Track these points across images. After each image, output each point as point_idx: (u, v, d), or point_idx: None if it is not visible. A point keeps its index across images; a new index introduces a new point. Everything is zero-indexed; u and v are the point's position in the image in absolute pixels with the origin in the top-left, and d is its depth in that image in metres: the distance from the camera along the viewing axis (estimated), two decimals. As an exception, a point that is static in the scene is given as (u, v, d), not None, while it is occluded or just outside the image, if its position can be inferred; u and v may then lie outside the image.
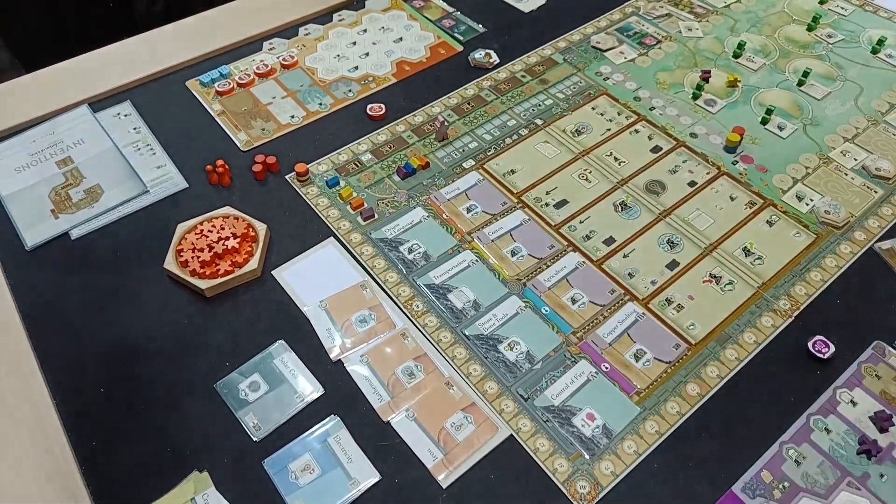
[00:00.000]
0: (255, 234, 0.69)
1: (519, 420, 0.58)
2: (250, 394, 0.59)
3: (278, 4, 0.99)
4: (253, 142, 0.80)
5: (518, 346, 0.62)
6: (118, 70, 0.88)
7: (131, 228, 0.72)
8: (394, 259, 0.69)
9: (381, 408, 0.58)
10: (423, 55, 0.92)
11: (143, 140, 0.80)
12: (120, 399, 0.59)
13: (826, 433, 0.57)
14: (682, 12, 1.00)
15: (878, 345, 0.63)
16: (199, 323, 0.64)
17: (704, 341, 0.63)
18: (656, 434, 0.57)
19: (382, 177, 0.77)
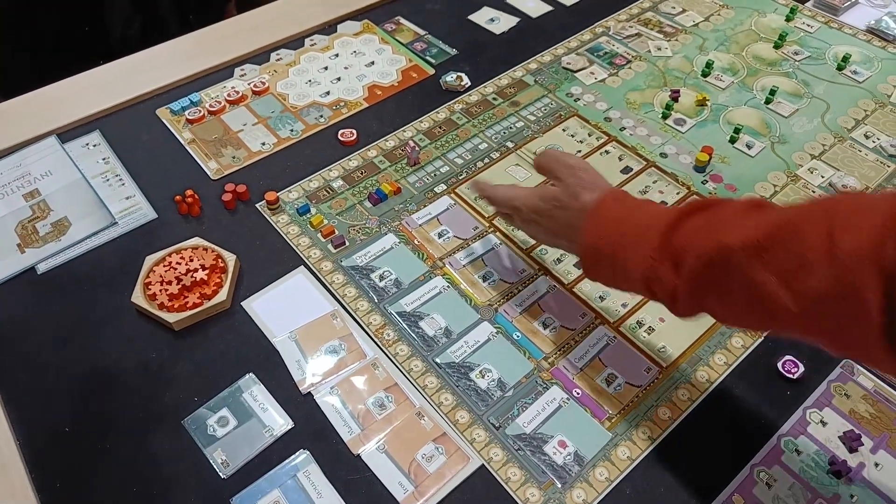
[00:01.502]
0: (224, 265, 0.69)
1: (490, 449, 0.57)
2: (219, 429, 0.58)
3: (250, 30, 0.99)
4: (223, 170, 0.80)
5: (490, 374, 0.62)
6: (87, 99, 0.88)
7: (99, 262, 0.71)
8: (365, 287, 0.68)
9: (351, 440, 0.58)
10: (394, 79, 0.92)
11: (112, 170, 0.80)
12: (85, 437, 0.58)
13: (796, 454, 0.58)
14: (651, 32, 1.01)
15: (846, 363, 0.63)
16: (168, 357, 0.63)
17: (675, 364, 0.63)
18: (628, 460, 0.57)
19: (354, 203, 0.76)
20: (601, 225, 0.55)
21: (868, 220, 0.40)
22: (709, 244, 0.47)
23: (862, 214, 0.41)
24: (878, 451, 0.58)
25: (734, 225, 0.47)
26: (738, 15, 1.05)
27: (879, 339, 0.39)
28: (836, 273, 0.40)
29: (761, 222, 0.45)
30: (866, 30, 1.01)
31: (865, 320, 0.39)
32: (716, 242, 0.46)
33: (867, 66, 0.95)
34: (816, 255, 0.41)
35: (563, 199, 0.59)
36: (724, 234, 0.46)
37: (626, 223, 0.54)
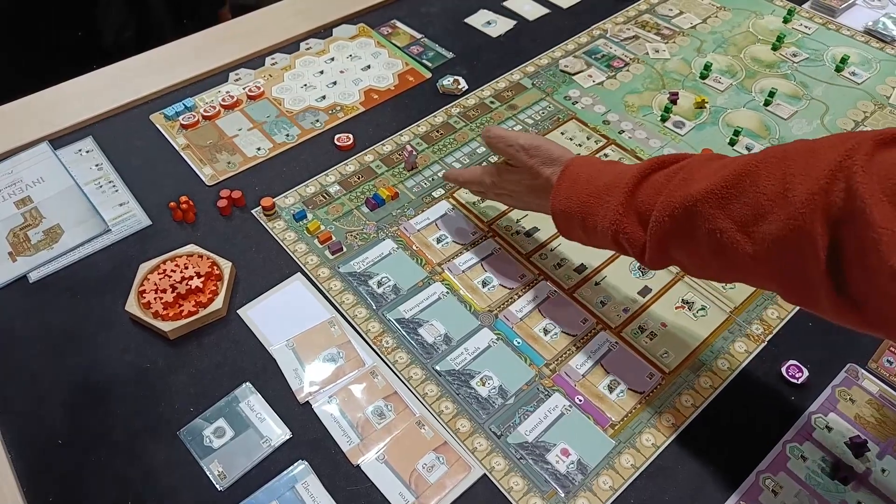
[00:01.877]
0: (219, 273, 0.68)
1: (492, 458, 0.56)
2: (215, 440, 0.57)
3: (244, 34, 0.98)
4: (218, 176, 0.79)
5: (490, 381, 0.61)
6: (80, 104, 0.86)
7: (92, 270, 0.70)
8: (363, 293, 0.67)
9: (350, 450, 0.57)
10: (391, 83, 0.91)
11: (106, 177, 0.78)
12: (78, 449, 0.57)
13: (802, 461, 0.57)
14: (648, 34, 1.00)
15: (850, 368, 0.63)
16: (163, 367, 0.62)
17: (678, 369, 0.63)
18: (632, 468, 0.56)
19: (351, 208, 0.76)
20: (569, 189, 0.58)
21: (818, 166, 0.42)
22: (673, 196, 0.50)
23: (813, 160, 0.43)
24: (884, 457, 0.57)
25: (696, 176, 0.49)
26: (736, 17, 1.04)
27: (824, 280, 0.42)
28: (788, 217, 0.42)
29: (721, 171, 0.47)
30: (864, 31, 1.01)
31: (813, 262, 0.42)
32: (680, 194, 0.49)
33: (865, 68, 0.94)
34: (771, 201, 0.44)
35: (525, 179, 0.63)
36: (687, 186, 0.49)
37: (593, 184, 0.56)
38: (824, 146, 0.44)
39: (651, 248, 0.52)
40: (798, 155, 0.44)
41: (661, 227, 0.50)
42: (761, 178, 0.45)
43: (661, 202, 0.50)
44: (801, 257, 0.43)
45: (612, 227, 0.54)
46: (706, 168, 0.49)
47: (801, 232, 0.42)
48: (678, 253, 0.52)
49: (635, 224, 0.53)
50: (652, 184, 0.53)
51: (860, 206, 0.39)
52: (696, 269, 0.53)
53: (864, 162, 0.40)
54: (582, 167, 0.59)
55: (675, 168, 0.52)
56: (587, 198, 0.56)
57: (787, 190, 0.43)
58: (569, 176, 0.58)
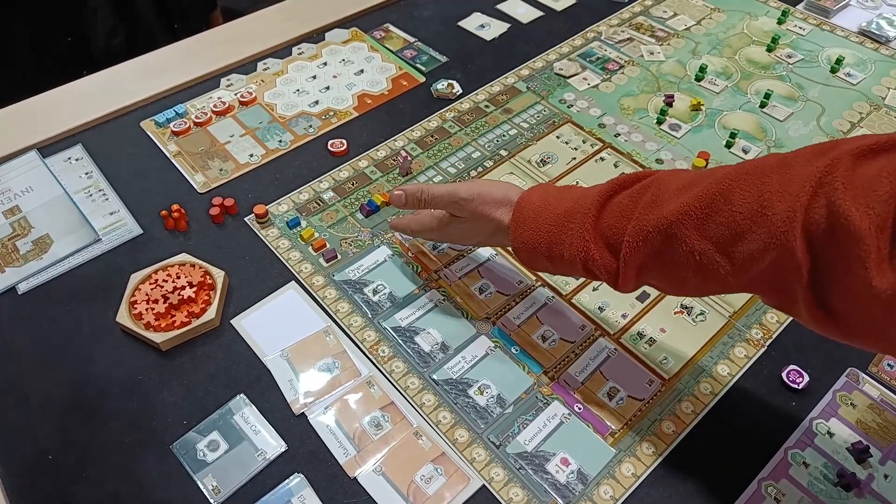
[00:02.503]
0: (212, 282, 0.67)
1: (491, 469, 0.56)
2: (209, 454, 0.56)
3: (236, 39, 0.97)
4: (210, 183, 0.78)
5: (489, 390, 0.60)
6: (69, 112, 0.85)
7: (83, 280, 0.69)
8: (358, 301, 0.67)
9: (346, 463, 0.56)
10: (384, 87, 0.91)
11: (96, 185, 0.77)
12: (69, 465, 0.56)
13: (804, 467, 0.56)
14: (643, 36, 1.00)
15: (851, 372, 0.62)
16: (155, 379, 0.61)
17: (678, 376, 0.62)
18: (633, 477, 0.55)
19: (345, 215, 0.75)
20: (527, 223, 0.56)
21: (795, 182, 0.42)
22: (644, 219, 0.48)
23: (789, 176, 0.42)
24: (886, 462, 0.56)
25: (665, 196, 0.48)
26: (730, 18, 1.04)
27: (806, 294, 0.42)
28: (768, 236, 0.42)
29: (692, 191, 0.46)
30: (858, 32, 1.01)
31: (795, 278, 0.42)
32: (651, 216, 0.48)
33: (861, 69, 0.94)
34: (748, 219, 0.43)
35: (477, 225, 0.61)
36: (658, 207, 0.48)
37: (551, 213, 0.54)
38: (798, 161, 0.43)
39: (625, 274, 0.51)
40: (772, 170, 0.44)
41: (634, 251, 0.49)
42: (735, 197, 0.44)
43: (632, 227, 0.49)
44: (782, 273, 0.42)
45: (580, 254, 0.52)
46: (673, 186, 0.48)
47: (782, 250, 0.41)
48: (654, 275, 0.51)
49: (603, 250, 0.51)
50: (617, 206, 0.51)
51: (843, 224, 0.38)
52: (673, 289, 0.53)
53: (844, 178, 0.39)
54: (535, 198, 0.56)
55: (639, 188, 0.51)
56: (549, 227, 0.54)
57: (764, 208, 0.42)
58: (523, 211, 0.56)
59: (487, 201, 0.59)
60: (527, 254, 0.57)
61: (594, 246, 0.51)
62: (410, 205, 0.65)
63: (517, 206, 0.57)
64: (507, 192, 0.59)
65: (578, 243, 0.52)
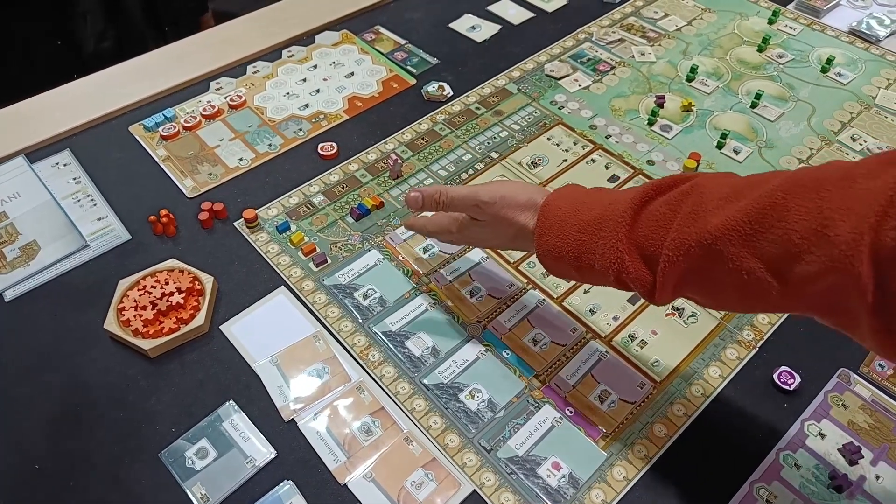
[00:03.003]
0: (201, 288, 0.66)
1: (482, 474, 0.55)
2: (197, 461, 0.56)
3: (225, 42, 0.96)
4: (200, 188, 0.77)
5: (480, 394, 0.60)
6: (57, 116, 0.85)
7: (70, 287, 0.68)
8: (348, 306, 0.66)
9: (337, 469, 0.55)
10: (375, 90, 0.90)
11: (84, 191, 0.77)
12: (56, 475, 0.55)
13: (796, 469, 0.56)
14: (634, 37, 1.00)
15: (843, 373, 0.62)
16: (144, 386, 0.61)
17: (669, 378, 0.62)
18: (624, 480, 0.55)
19: (335, 219, 0.74)
20: (554, 230, 0.52)
21: (861, 199, 0.37)
22: (685, 233, 0.45)
23: (853, 192, 0.38)
24: (878, 463, 0.56)
25: (708, 207, 0.44)
26: (721, 19, 1.04)
27: (871, 318, 0.38)
28: (829, 258, 0.38)
29: (740, 203, 0.43)
30: (849, 31, 1.01)
31: (858, 301, 0.38)
32: (693, 230, 0.44)
33: (851, 68, 0.94)
34: (804, 239, 0.39)
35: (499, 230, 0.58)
36: (701, 220, 0.44)
37: (580, 219, 0.51)
38: (863, 173, 0.39)
39: (662, 288, 0.47)
40: (832, 184, 0.39)
41: (673, 266, 0.45)
42: (790, 213, 0.40)
43: (671, 239, 0.45)
44: (842, 296, 0.39)
45: (612, 266, 0.49)
46: (716, 195, 0.44)
47: (845, 274, 0.37)
48: (694, 291, 0.47)
49: (638, 261, 0.48)
50: (653, 215, 0.47)
51: None
52: (713, 304, 0.49)
53: None
54: (563, 202, 0.53)
55: (678, 195, 0.47)
56: (578, 235, 0.51)
57: (824, 227, 0.38)
58: (550, 216, 0.53)
59: (510, 205, 0.56)
60: (552, 261, 0.54)
61: (628, 257, 0.48)
62: (428, 207, 0.61)
63: (543, 210, 0.54)
64: (531, 195, 0.56)
65: (611, 254, 0.49)
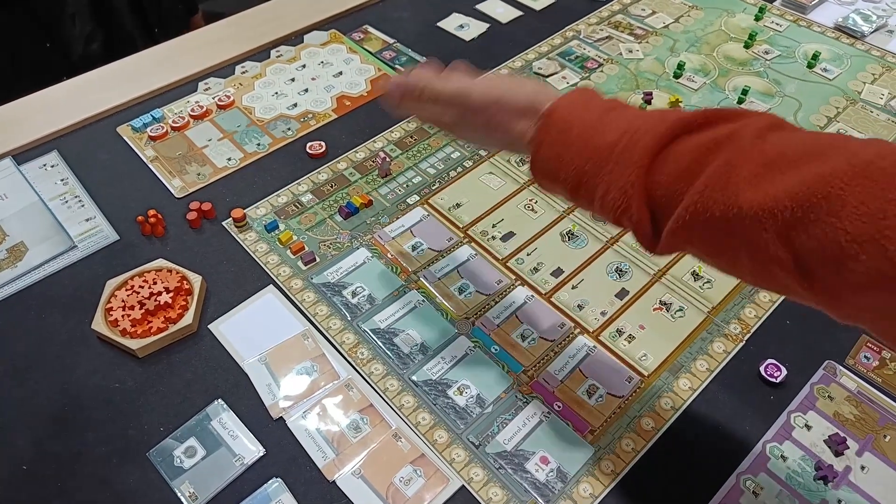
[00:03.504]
0: (189, 287, 0.66)
1: (471, 469, 0.55)
2: (186, 460, 0.56)
3: (214, 42, 0.96)
4: (188, 188, 0.77)
5: (468, 390, 0.60)
6: (44, 118, 0.84)
7: (58, 288, 0.68)
8: (337, 304, 0.66)
9: (325, 466, 0.55)
10: (363, 89, 0.90)
11: (71, 192, 0.77)
12: (44, 476, 0.55)
13: (782, 460, 0.56)
14: (622, 34, 1.00)
15: (829, 365, 0.63)
16: (132, 386, 0.61)
17: (657, 372, 0.62)
18: (612, 474, 0.55)
19: (324, 218, 0.74)
20: (555, 147, 0.45)
21: None
22: (710, 197, 0.38)
23: None
24: (863, 454, 0.57)
25: (744, 172, 0.37)
26: (708, 15, 1.04)
27: None
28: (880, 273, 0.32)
29: (785, 182, 0.35)
30: (834, 27, 1.01)
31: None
32: (720, 197, 0.37)
33: (837, 64, 0.95)
34: (859, 244, 0.32)
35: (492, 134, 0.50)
36: (732, 187, 0.37)
37: (590, 142, 0.43)
38: None
39: (666, 244, 0.42)
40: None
41: (685, 229, 0.40)
42: (846, 210, 0.32)
43: (690, 200, 0.38)
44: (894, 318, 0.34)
45: (617, 207, 0.42)
46: (759, 159, 0.37)
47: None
48: (702, 252, 0.42)
49: (644, 209, 0.41)
50: (676, 161, 0.40)
51: None
52: (720, 269, 0.43)
53: None
54: (572, 114, 0.45)
55: (710, 142, 0.39)
56: (582, 162, 0.43)
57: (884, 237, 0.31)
58: (553, 129, 0.45)
59: (505, 109, 0.48)
60: (547, 181, 0.47)
61: (636, 203, 0.41)
62: (407, 104, 0.53)
63: (545, 119, 0.46)
64: (533, 97, 0.47)
65: (616, 194, 0.42)
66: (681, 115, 0.42)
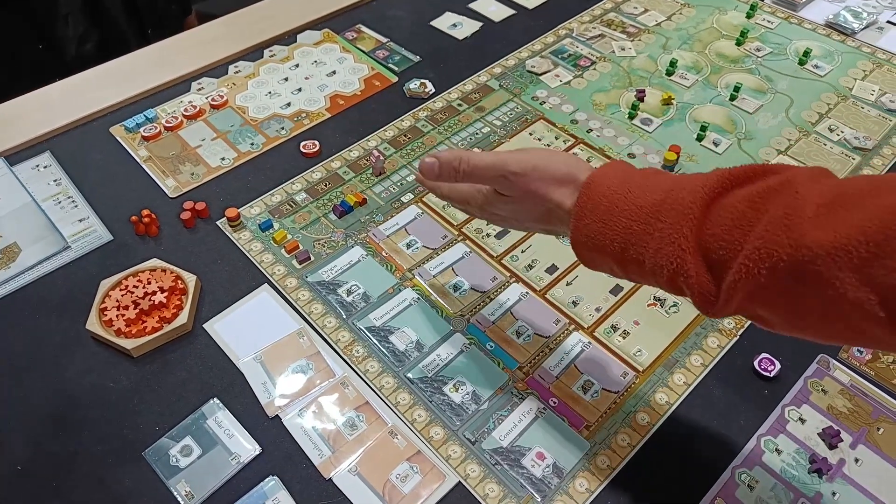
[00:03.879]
0: (184, 287, 0.66)
1: (467, 465, 0.56)
2: (182, 459, 0.56)
3: (207, 42, 0.96)
4: (182, 187, 0.77)
5: (464, 387, 0.60)
6: (36, 119, 0.84)
7: (52, 288, 0.68)
8: (332, 302, 0.66)
9: (322, 464, 0.55)
10: (357, 88, 0.90)
11: (65, 192, 0.76)
12: (39, 477, 0.55)
13: (777, 454, 0.57)
14: (614, 32, 1.01)
15: (822, 358, 0.63)
16: (127, 386, 0.61)
17: (652, 367, 0.62)
18: (608, 469, 0.56)
19: (318, 216, 0.74)
20: (597, 214, 0.44)
21: None
22: (773, 241, 0.36)
23: None
24: (857, 447, 0.57)
25: (808, 212, 0.36)
26: (700, 13, 1.05)
27: None
28: None
29: (858, 219, 0.34)
30: (825, 24, 1.02)
31: None
32: (785, 239, 0.36)
33: (828, 61, 0.95)
34: None
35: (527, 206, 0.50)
36: (797, 229, 0.35)
37: (633, 203, 0.42)
38: None
39: (727, 302, 0.39)
40: None
41: (749, 279, 0.37)
42: None
43: (753, 247, 0.37)
44: None
45: (669, 265, 0.40)
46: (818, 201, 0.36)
47: None
48: (767, 310, 0.39)
49: (701, 265, 0.39)
50: (729, 212, 0.39)
51: None
52: (786, 328, 0.40)
53: None
54: (612, 182, 0.44)
55: (764, 191, 0.38)
56: (628, 222, 0.42)
57: None
58: (594, 196, 0.44)
59: (544, 177, 0.47)
60: (590, 251, 0.46)
61: (691, 258, 0.39)
62: (445, 177, 0.52)
63: (586, 188, 0.45)
64: (571, 167, 0.47)
65: (668, 250, 0.40)
66: (725, 171, 0.41)
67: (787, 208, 0.36)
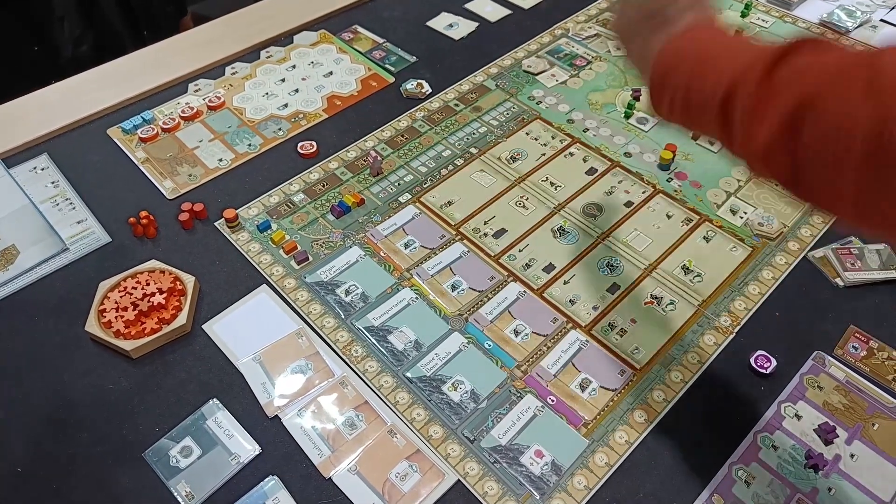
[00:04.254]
0: (182, 288, 0.66)
1: (466, 464, 0.56)
2: (182, 460, 0.56)
3: (203, 43, 0.96)
4: (179, 189, 0.77)
5: (462, 386, 0.61)
6: (34, 120, 0.84)
7: (50, 291, 0.68)
8: (330, 303, 0.67)
9: (321, 463, 0.56)
10: (354, 88, 0.91)
11: (62, 194, 0.76)
12: (39, 478, 0.55)
13: (773, 450, 0.57)
14: (610, 32, 1.01)
15: (817, 355, 0.63)
16: (126, 387, 0.61)
17: (649, 365, 0.63)
18: (606, 466, 0.56)
19: (316, 217, 0.75)
20: (693, 31, 0.47)
21: None
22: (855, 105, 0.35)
23: None
24: (852, 442, 0.58)
25: None
26: (695, 12, 1.05)
27: None
28: None
29: None
30: (819, 23, 1.03)
31: None
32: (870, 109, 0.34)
33: (822, 59, 0.96)
34: None
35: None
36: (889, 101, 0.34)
37: (721, 37, 0.46)
38: None
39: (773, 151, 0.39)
40: None
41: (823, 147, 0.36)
42: None
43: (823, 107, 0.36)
44: None
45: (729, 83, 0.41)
46: None
47: None
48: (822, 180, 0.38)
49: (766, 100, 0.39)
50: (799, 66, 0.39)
51: None
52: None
53: None
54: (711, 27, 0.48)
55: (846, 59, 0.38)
56: (711, 46, 0.45)
57: None
58: (696, 23, 0.48)
59: None
60: (667, 61, 0.47)
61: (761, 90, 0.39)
62: None
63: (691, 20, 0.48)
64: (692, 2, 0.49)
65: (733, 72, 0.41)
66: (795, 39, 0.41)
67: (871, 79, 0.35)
